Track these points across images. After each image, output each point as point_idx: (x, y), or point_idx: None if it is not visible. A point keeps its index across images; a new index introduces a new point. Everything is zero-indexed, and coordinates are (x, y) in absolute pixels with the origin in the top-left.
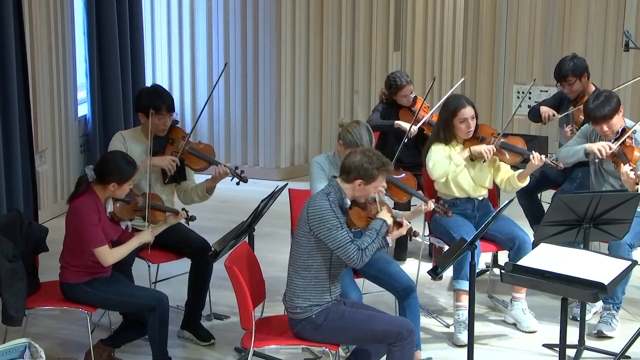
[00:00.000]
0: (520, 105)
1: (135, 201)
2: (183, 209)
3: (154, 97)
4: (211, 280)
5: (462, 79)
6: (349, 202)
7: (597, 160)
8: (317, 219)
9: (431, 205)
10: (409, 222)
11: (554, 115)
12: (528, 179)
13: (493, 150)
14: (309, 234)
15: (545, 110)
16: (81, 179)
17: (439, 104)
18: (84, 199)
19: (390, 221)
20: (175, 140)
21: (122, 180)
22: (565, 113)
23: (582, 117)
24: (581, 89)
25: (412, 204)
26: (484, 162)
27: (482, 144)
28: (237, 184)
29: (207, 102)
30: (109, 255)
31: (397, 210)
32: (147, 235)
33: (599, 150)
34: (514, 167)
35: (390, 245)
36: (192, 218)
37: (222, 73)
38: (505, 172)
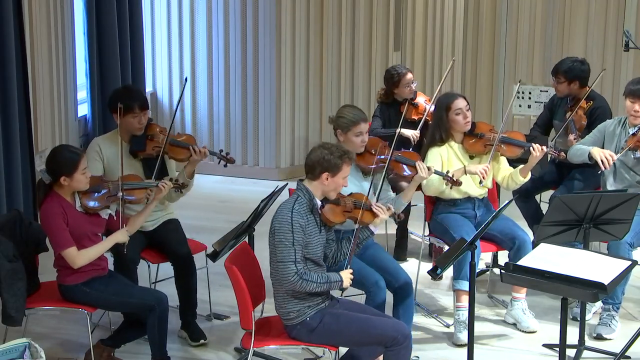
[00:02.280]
0: (520, 106)
1: (106, 188)
2: (171, 179)
3: (125, 97)
4: (211, 280)
5: (453, 60)
6: (319, 203)
7: (599, 172)
8: (277, 227)
9: (432, 171)
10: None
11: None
12: (530, 174)
13: (488, 169)
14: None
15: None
16: (38, 184)
17: (436, 92)
18: (47, 204)
19: (347, 284)
20: (154, 136)
21: (70, 171)
22: (565, 124)
23: (584, 122)
24: (567, 92)
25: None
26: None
27: (477, 165)
28: (225, 165)
29: (176, 109)
30: (77, 257)
31: (392, 193)
32: (121, 235)
33: (602, 161)
34: (514, 165)
35: (375, 233)
36: (183, 185)
37: (183, 88)
38: (506, 169)
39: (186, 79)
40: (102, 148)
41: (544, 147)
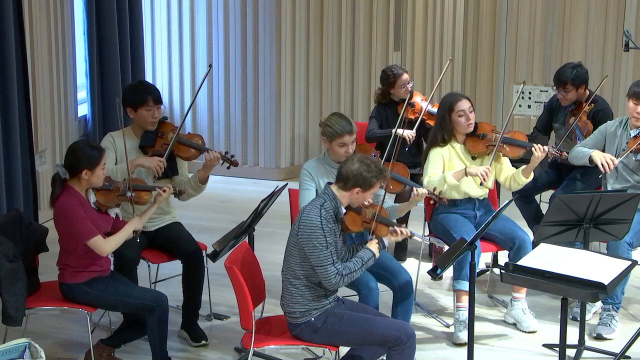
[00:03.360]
0: (520, 106)
1: (117, 187)
2: (172, 186)
3: (140, 90)
4: (211, 280)
5: (449, 60)
6: (344, 210)
7: (600, 176)
8: (307, 233)
9: (423, 191)
10: (406, 227)
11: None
12: (532, 174)
13: (489, 171)
14: (300, 245)
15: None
16: (54, 178)
17: (432, 92)
18: (65, 198)
19: (378, 254)
20: (164, 134)
21: (93, 165)
22: (569, 130)
23: (590, 128)
24: (575, 98)
25: None
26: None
27: (478, 167)
28: (228, 168)
29: (192, 102)
30: (104, 244)
31: (395, 204)
32: (136, 222)
33: (603, 165)
34: (515, 165)
35: (387, 246)
36: (182, 192)
37: (206, 75)
38: (509, 170)
39: (210, 66)
40: (115, 140)
41: (546, 147)
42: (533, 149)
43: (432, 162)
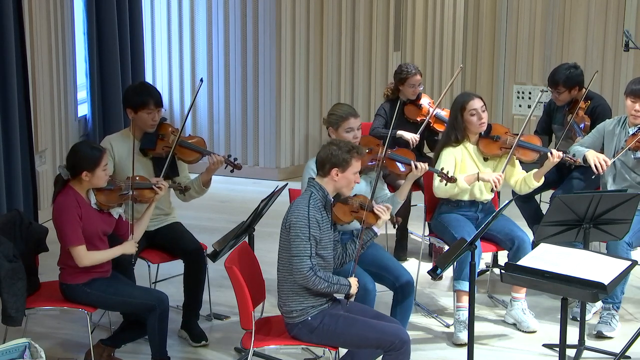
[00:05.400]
0: (520, 105)
1: (119, 186)
2: (172, 180)
3: (142, 92)
4: (211, 280)
5: (461, 67)
6: (332, 200)
7: (593, 177)
8: (293, 221)
9: (423, 166)
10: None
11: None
12: (543, 178)
13: (501, 178)
14: (287, 236)
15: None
16: (57, 179)
17: (441, 96)
18: (63, 197)
19: (354, 290)
20: (165, 136)
21: (93, 166)
22: (566, 128)
23: (587, 122)
24: (569, 99)
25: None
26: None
27: (491, 173)
28: (232, 171)
29: (189, 111)
30: (85, 257)
31: (387, 192)
32: (130, 247)
33: (596, 166)
34: (523, 167)
35: (378, 235)
36: (187, 188)
37: (198, 89)
38: (520, 173)
39: (201, 80)
40: (113, 146)
41: (561, 153)
42: (549, 154)
43: (444, 163)
